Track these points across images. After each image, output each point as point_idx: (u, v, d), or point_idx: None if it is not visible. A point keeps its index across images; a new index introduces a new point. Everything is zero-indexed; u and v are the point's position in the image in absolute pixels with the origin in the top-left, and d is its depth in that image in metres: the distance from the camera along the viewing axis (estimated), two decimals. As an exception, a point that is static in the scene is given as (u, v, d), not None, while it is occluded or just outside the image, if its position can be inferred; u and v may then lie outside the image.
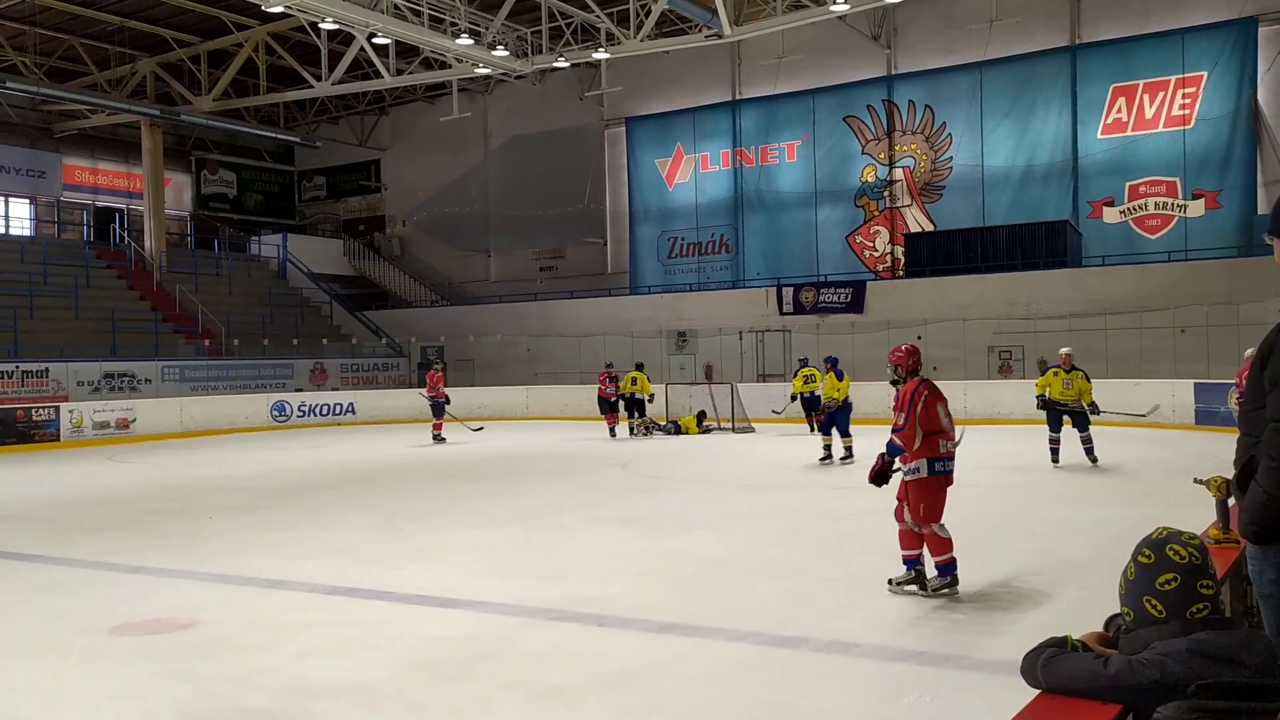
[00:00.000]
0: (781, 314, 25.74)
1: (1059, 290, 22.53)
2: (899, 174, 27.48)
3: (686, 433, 20.17)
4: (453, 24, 23.06)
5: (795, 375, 18.65)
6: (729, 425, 20.46)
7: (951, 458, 6.68)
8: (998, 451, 15.21)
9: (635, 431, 20.24)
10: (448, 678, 5.06)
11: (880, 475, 6.67)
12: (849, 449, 14.73)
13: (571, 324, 28.30)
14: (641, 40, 23.67)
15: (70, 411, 21.18)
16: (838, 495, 11.36)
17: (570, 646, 5.59)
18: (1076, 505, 10.17)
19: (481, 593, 6.86)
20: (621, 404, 20.33)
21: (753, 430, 20.13)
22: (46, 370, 22.17)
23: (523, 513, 10.58)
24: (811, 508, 10.46)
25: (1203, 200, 23.64)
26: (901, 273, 26.66)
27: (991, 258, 24.05)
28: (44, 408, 21.01)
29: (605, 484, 13.13)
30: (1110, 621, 2.45)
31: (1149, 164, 24.23)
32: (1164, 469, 12.80)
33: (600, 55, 24.56)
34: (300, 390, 26.76)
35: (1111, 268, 22.99)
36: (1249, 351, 10.19)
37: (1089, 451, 13.00)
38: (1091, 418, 13.07)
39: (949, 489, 6.65)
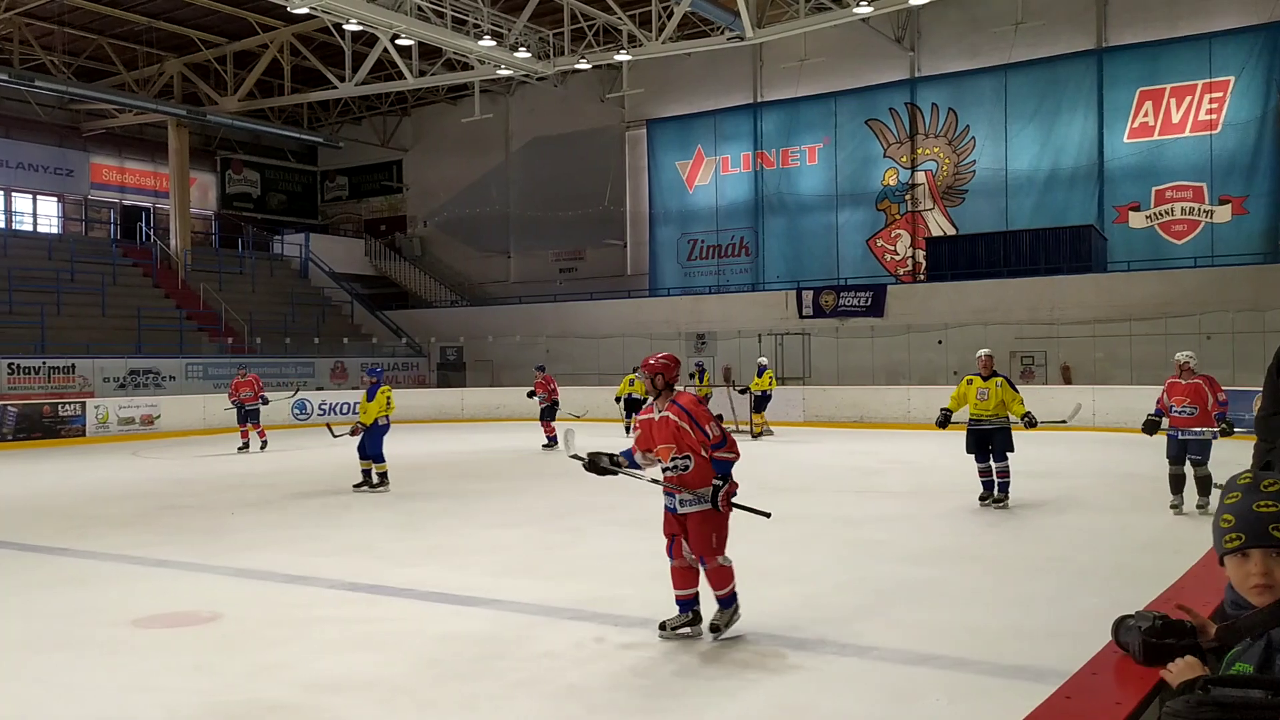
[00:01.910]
0: (801, 317, 25.67)
1: (1083, 295, 22.37)
2: (921, 177, 27.36)
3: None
4: (475, 25, 23.15)
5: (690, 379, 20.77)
6: (746, 428, 20.41)
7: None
8: (1018, 457, 15.09)
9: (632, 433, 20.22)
10: (463, 675, 5.08)
11: (734, 503, 5.72)
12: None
13: (590, 325, 28.34)
14: (663, 42, 23.69)
15: (96, 407, 21.39)
16: (855, 500, 11.32)
17: (584, 646, 5.59)
18: (1097, 512, 10.09)
19: (497, 591, 6.88)
20: (621, 405, 20.09)
21: (771, 433, 20.08)
22: (73, 366, 22.42)
23: (539, 513, 10.60)
24: (828, 512, 10.43)
25: (1229, 206, 23.42)
26: (922, 277, 26.55)
27: (1014, 262, 23.90)
28: (70, 403, 21.23)
29: (621, 486, 13.09)
30: (1119, 624, 2.42)
31: (1175, 169, 24.03)
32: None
33: (622, 57, 24.61)
34: (321, 389, 26.92)
35: (1136, 273, 22.80)
36: (1181, 355, 9.87)
37: (1001, 486, 10.19)
38: (1029, 431, 10.52)
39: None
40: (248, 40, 28.03)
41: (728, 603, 5.71)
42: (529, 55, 24.33)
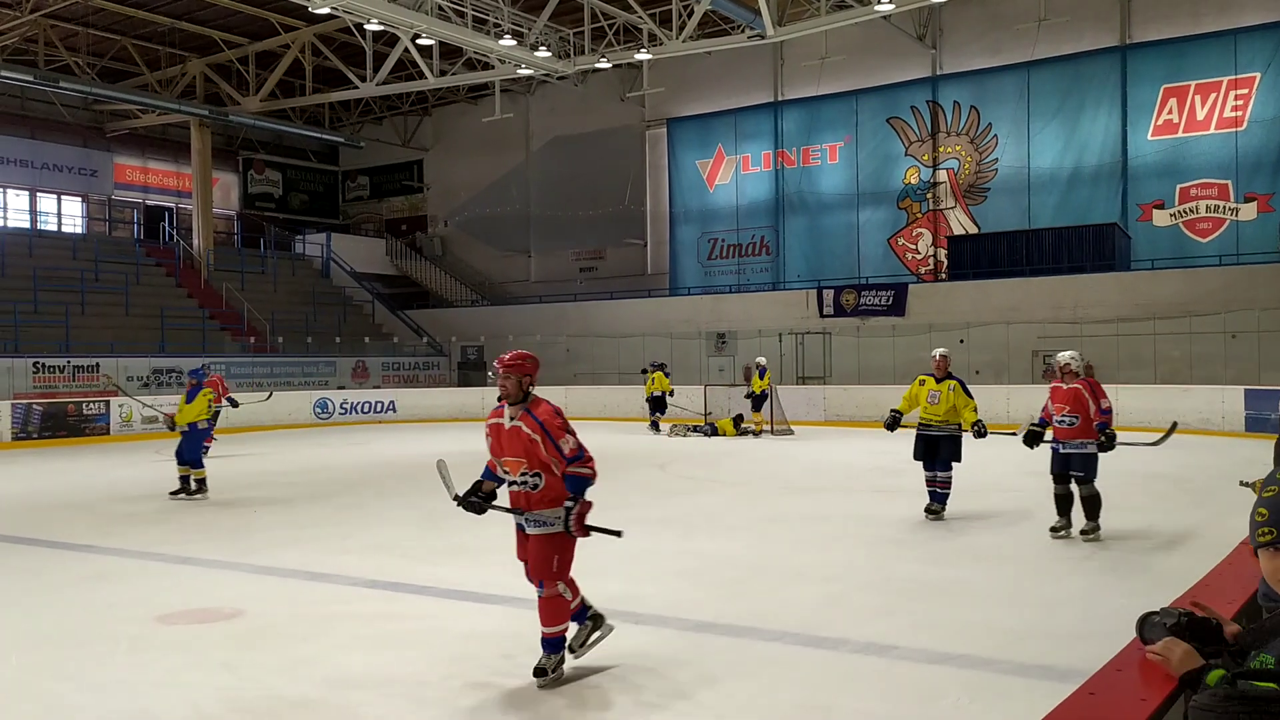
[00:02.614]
0: (822, 316, 25.60)
1: (1106, 294, 22.20)
2: (943, 176, 27.23)
3: (723, 435, 20.14)
4: (496, 25, 23.20)
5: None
6: (767, 428, 20.39)
7: None
8: (1041, 457, 15.01)
9: (660, 430, 20.99)
10: (485, 672, 5.10)
11: (584, 526, 4.96)
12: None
13: (611, 325, 28.36)
14: (683, 41, 23.67)
15: (120, 406, 21.58)
16: (877, 500, 11.28)
17: (606, 643, 5.60)
18: (1122, 512, 10.00)
19: (519, 589, 6.84)
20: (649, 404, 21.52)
21: (791, 433, 20.04)
22: (97, 365, 22.62)
23: (561, 511, 10.61)
24: (850, 512, 10.40)
25: (1255, 203, 23.19)
26: (944, 275, 26.41)
27: (1036, 261, 23.75)
28: (94, 402, 21.43)
29: (643, 485, 13.14)
30: (1145, 620, 2.40)
31: (1200, 166, 23.81)
32: (1212, 476, 12.56)
33: (642, 56, 24.60)
34: (343, 388, 27.08)
35: (1160, 271, 22.62)
36: (1063, 356, 8.75)
37: (939, 496, 9.48)
38: (978, 441, 9.55)
39: None
40: (269, 40, 28.21)
41: (554, 646, 4.96)
42: (549, 54, 24.37)
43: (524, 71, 25.98)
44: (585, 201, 32.32)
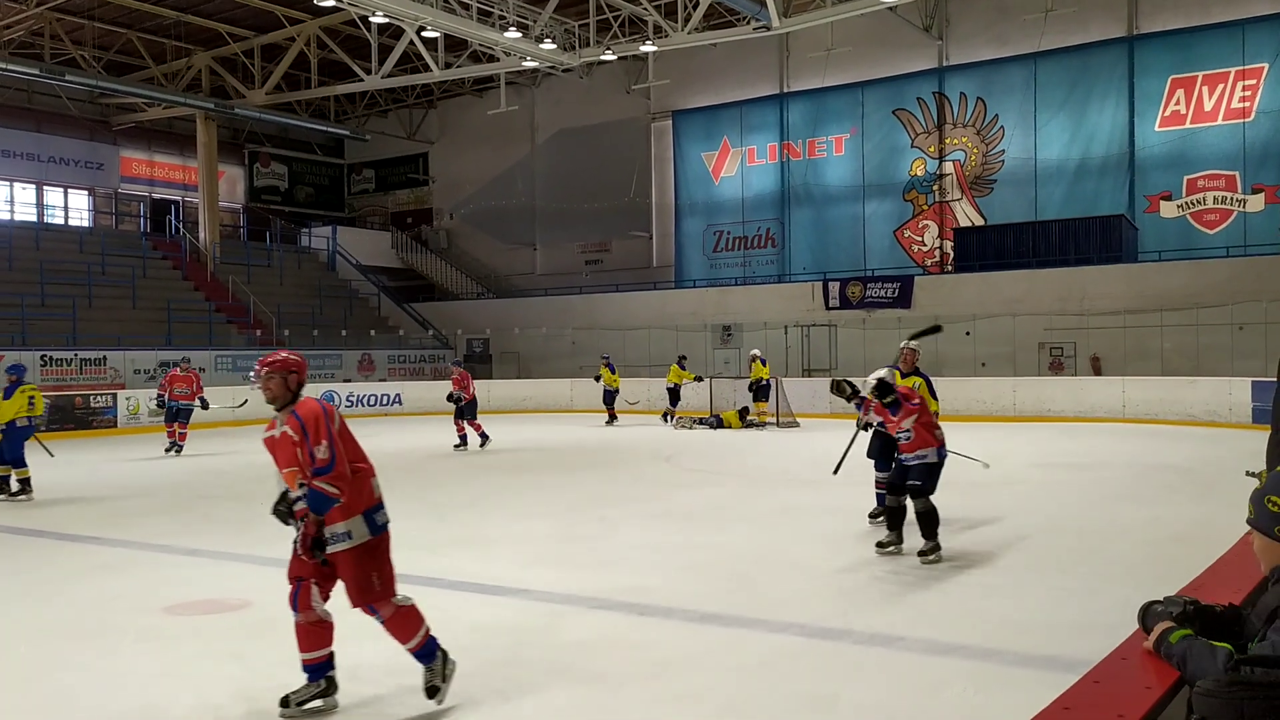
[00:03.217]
0: (827, 309, 25.58)
1: (1113, 286, 22.14)
2: (949, 167, 27.15)
3: (729, 427, 20.15)
4: (501, 17, 23.18)
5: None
6: (772, 420, 20.39)
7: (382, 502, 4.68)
8: (1048, 449, 15.03)
9: (671, 422, 21.00)
10: (492, 663, 5.12)
11: (317, 544, 4.46)
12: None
13: (616, 317, 28.35)
14: (689, 33, 23.61)
15: (127, 399, 21.65)
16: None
17: (612, 635, 5.62)
18: (1129, 504, 10.01)
19: (525, 581, 6.91)
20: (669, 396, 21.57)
21: (797, 425, 20.04)
22: (104, 358, 22.70)
23: (566, 504, 10.64)
24: (855, 504, 10.39)
25: (1262, 195, 23.09)
26: (950, 268, 26.36)
27: (1043, 253, 23.69)
28: (102, 395, 21.51)
29: (649, 477, 13.16)
30: (1147, 610, 2.41)
31: (1207, 157, 23.71)
32: (1219, 468, 12.52)
33: (647, 48, 24.55)
34: (349, 380, 27.12)
35: (1167, 263, 22.54)
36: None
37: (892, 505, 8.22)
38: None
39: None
40: (275, 34, 28.20)
41: (428, 654, 4.55)
42: (554, 47, 24.33)
43: (529, 64, 25.95)
44: (590, 194, 32.29)
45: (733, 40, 25.00)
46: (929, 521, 7.30)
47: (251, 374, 4.70)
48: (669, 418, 21.28)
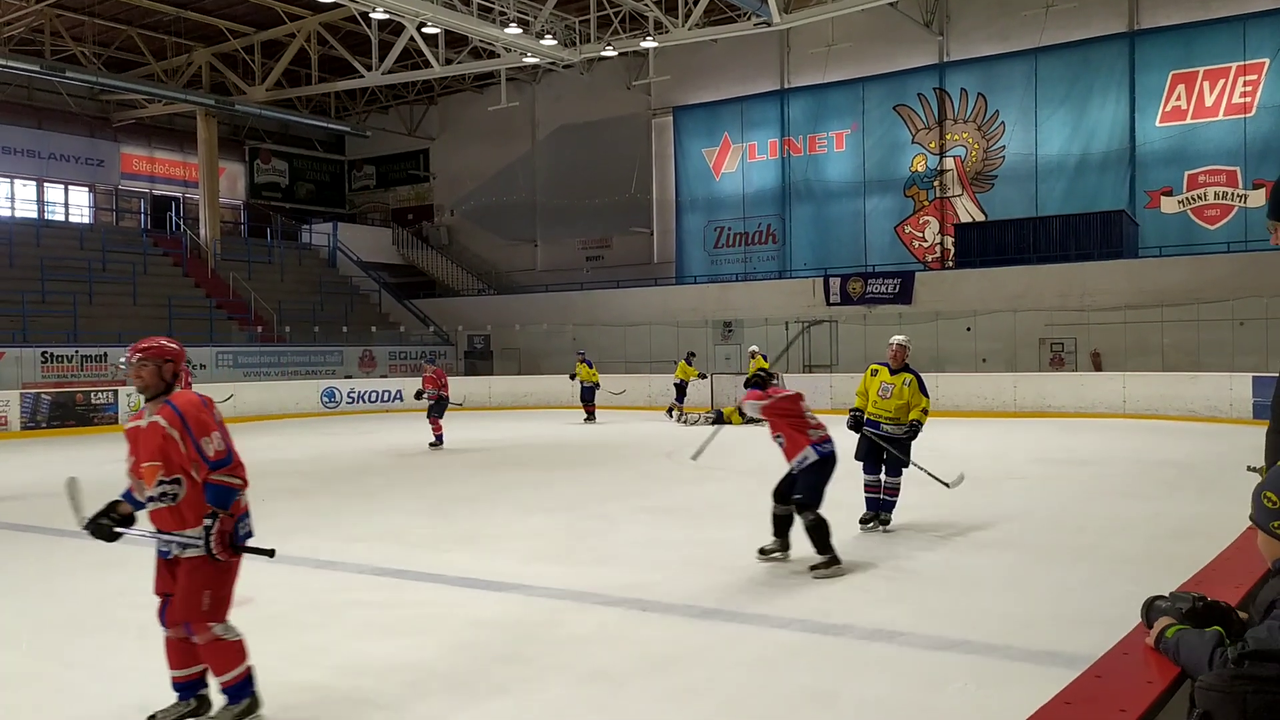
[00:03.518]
0: (828, 305, 25.57)
1: (1114, 281, 22.13)
2: (950, 163, 27.14)
3: (730, 423, 20.15)
4: (501, 13, 23.16)
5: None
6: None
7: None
8: (1049, 445, 15.03)
9: (676, 416, 21.10)
10: (493, 658, 5.12)
11: (234, 542, 4.12)
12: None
13: (617, 314, 28.35)
14: (690, 29, 23.60)
15: (128, 395, 21.65)
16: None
17: (614, 631, 5.63)
18: (1129, 500, 10.01)
19: (527, 577, 6.92)
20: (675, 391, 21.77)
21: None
22: (105, 355, 22.69)
23: (568, 500, 10.65)
24: (856, 499, 10.40)
25: (1263, 190, 23.04)
26: (951, 263, 26.36)
27: (1044, 248, 23.68)
28: (102, 391, 21.52)
29: (650, 473, 13.17)
30: (1150, 605, 2.41)
31: (1208, 153, 23.70)
32: (1220, 463, 12.53)
33: (648, 44, 24.54)
34: (350, 377, 27.14)
35: (1168, 258, 22.53)
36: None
37: (886, 504, 8.56)
38: (899, 438, 8.55)
39: None
40: (275, 30, 28.18)
41: (236, 694, 4.17)
42: (555, 43, 24.32)
43: (530, 60, 25.93)
44: (591, 190, 32.29)
45: (733, 36, 24.99)
46: (819, 535, 6.90)
47: (123, 359, 4.31)
48: (674, 413, 21.31)
